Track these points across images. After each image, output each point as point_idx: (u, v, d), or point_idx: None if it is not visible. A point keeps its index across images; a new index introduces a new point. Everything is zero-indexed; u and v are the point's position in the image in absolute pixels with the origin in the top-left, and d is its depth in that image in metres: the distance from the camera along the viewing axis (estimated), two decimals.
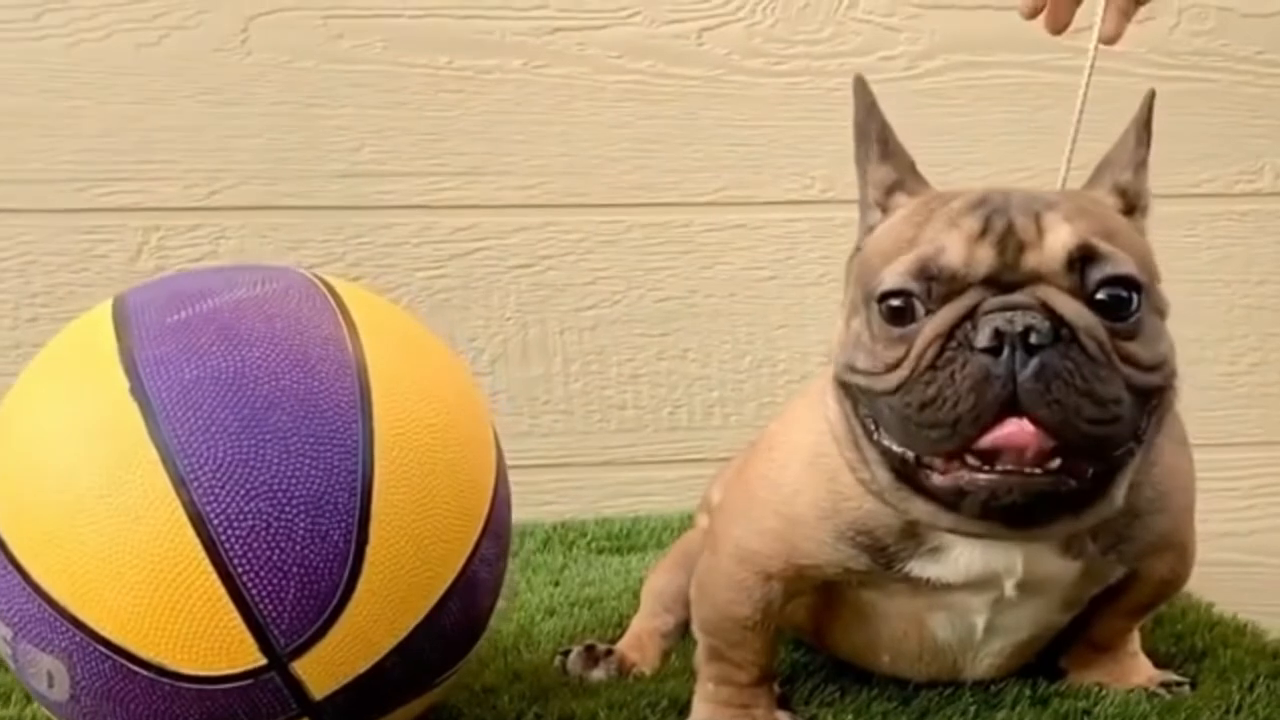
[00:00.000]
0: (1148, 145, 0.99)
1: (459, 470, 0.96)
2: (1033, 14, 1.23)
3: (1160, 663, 1.13)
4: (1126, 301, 0.89)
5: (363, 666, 0.93)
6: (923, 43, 1.69)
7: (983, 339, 0.86)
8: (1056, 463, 0.87)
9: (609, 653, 1.17)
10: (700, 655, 1.08)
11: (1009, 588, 0.99)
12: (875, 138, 1.00)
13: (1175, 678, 1.10)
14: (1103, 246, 0.89)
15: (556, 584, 1.44)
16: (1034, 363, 0.85)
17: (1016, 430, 0.86)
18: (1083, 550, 0.99)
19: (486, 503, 0.99)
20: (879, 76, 1.67)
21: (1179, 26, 1.69)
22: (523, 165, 1.66)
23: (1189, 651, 1.15)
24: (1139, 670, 1.11)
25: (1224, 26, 1.70)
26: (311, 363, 0.93)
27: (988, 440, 0.87)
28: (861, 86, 1.00)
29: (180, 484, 0.88)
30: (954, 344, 0.87)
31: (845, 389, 0.95)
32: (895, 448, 0.92)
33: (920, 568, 0.99)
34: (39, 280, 1.62)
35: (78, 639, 0.90)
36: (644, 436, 1.69)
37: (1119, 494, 0.93)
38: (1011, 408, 0.86)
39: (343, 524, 0.90)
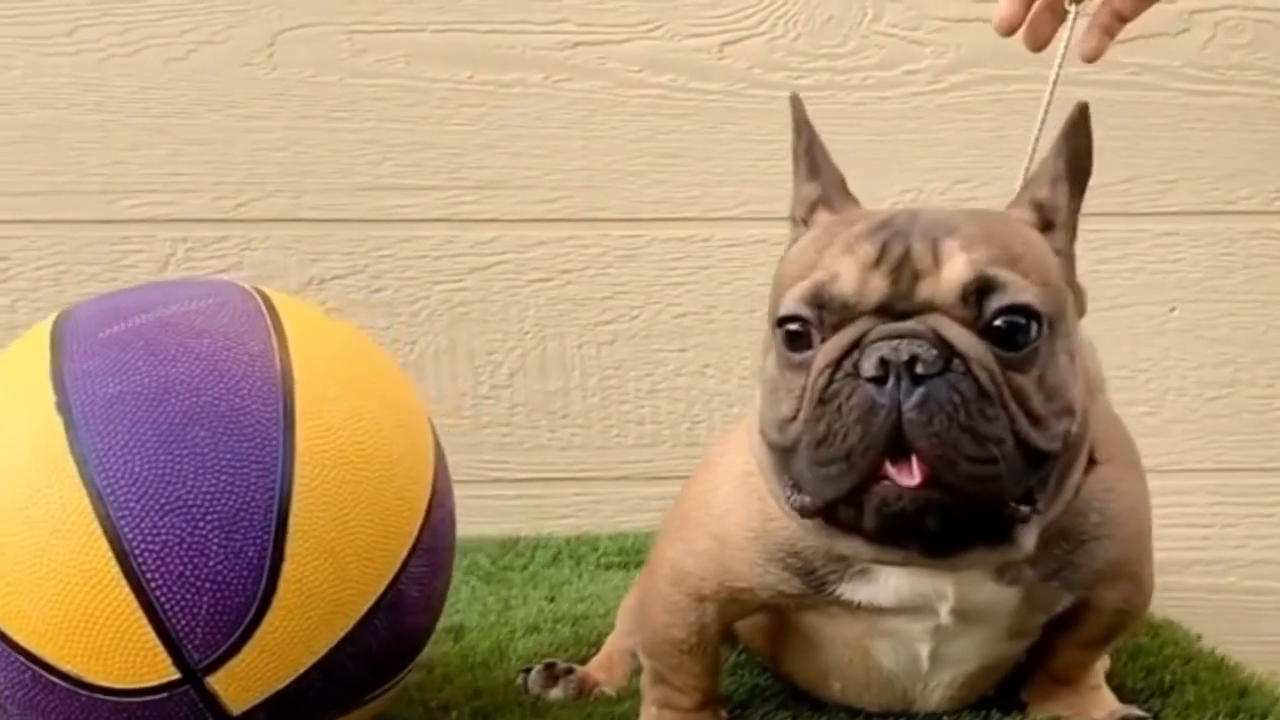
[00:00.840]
0: (1066, 157, 0.95)
1: (386, 488, 0.97)
2: (1009, 30, 1.20)
3: (1127, 697, 1.10)
4: (1024, 329, 0.86)
5: (281, 683, 0.93)
6: (949, 56, 1.66)
7: (868, 367, 0.84)
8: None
9: (569, 671, 1.17)
10: (645, 679, 1.07)
11: (944, 614, 0.97)
12: (804, 154, 0.98)
13: (1138, 713, 1.07)
14: (1000, 275, 0.86)
15: (552, 599, 1.44)
16: (919, 392, 0.83)
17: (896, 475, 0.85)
18: (1019, 577, 0.96)
19: (418, 521, 0.99)
20: (903, 91, 1.67)
21: (1214, 39, 1.64)
22: (543, 179, 1.66)
23: (1157, 686, 1.11)
24: (1101, 704, 1.08)
25: (1262, 39, 1.65)
26: (235, 379, 0.94)
27: None
28: (796, 103, 0.98)
29: (98, 498, 0.90)
30: (842, 374, 0.86)
31: (764, 436, 0.93)
32: (808, 503, 0.90)
33: (851, 591, 0.97)
34: (71, 289, 1.65)
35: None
36: (662, 452, 1.69)
37: (1027, 541, 0.90)
38: (895, 439, 0.84)
39: (258, 541, 0.91)
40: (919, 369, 0.83)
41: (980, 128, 1.66)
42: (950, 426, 0.83)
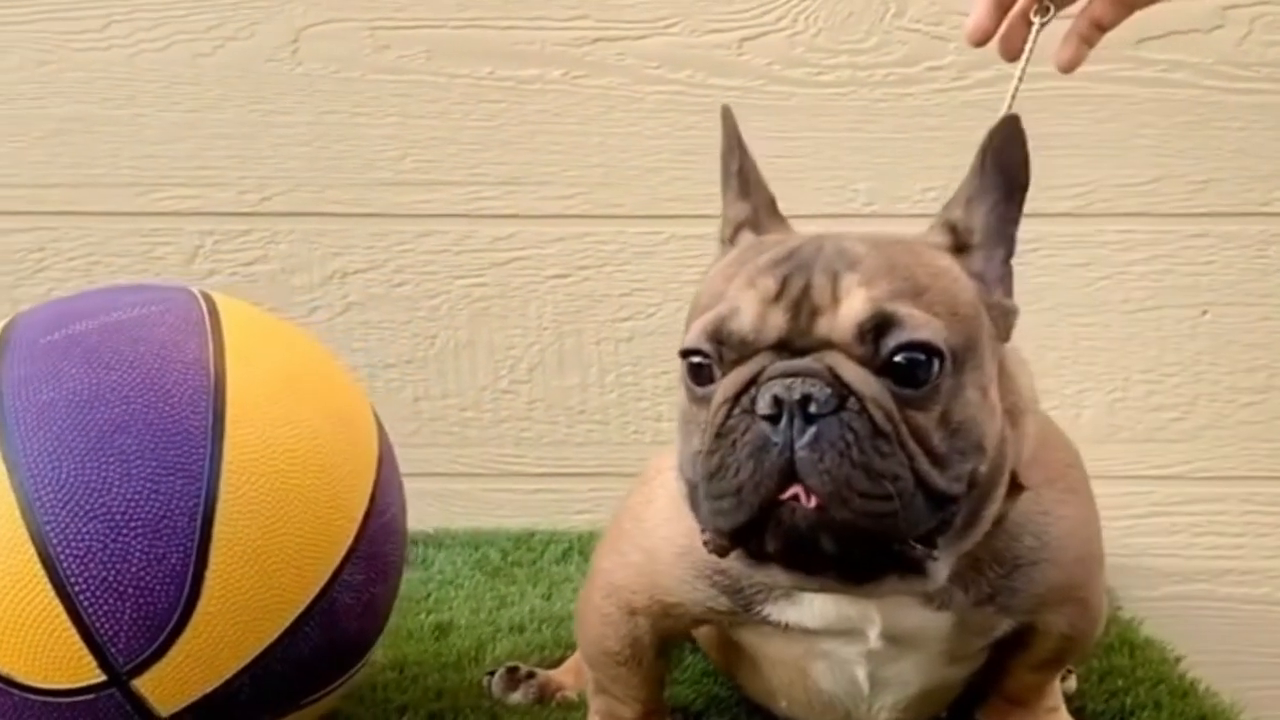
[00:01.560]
0: (984, 174, 0.91)
1: (318, 496, 0.98)
2: (980, 40, 1.17)
3: (1086, 719, 1.08)
4: (924, 366, 0.84)
5: (209, 686, 0.95)
6: (973, 52, 1.60)
7: (763, 405, 0.83)
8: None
9: (530, 676, 1.17)
10: (589, 688, 1.07)
11: (873, 638, 0.96)
12: (735, 173, 0.96)
13: None
14: (899, 312, 0.84)
15: (548, 597, 1.44)
16: (810, 431, 0.82)
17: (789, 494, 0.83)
18: (949, 602, 0.94)
19: (353, 528, 1.00)
20: (927, 87, 1.65)
21: (1250, 35, 1.59)
22: (561, 175, 1.66)
23: (1119, 710, 1.09)
24: None
25: None
26: (167, 387, 0.95)
27: None
28: (728, 117, 0.97)
29: (26, 503, 0.92)
30: (739, 410, 0.84)
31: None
32: (714, 540, 0.88)
33: (778, 612, 0.96)
34: (103, 280, 1.68)
35: None
36: None
37: (938, 575, 0.87)
38: (788, 476, 0.82)
39: (181, 548, 0.92)
40: (812, 408, 0.82)
41: None
42: (842, 464, 0.81)
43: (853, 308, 0.84)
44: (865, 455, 0.82)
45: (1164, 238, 1.62)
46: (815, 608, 0.95)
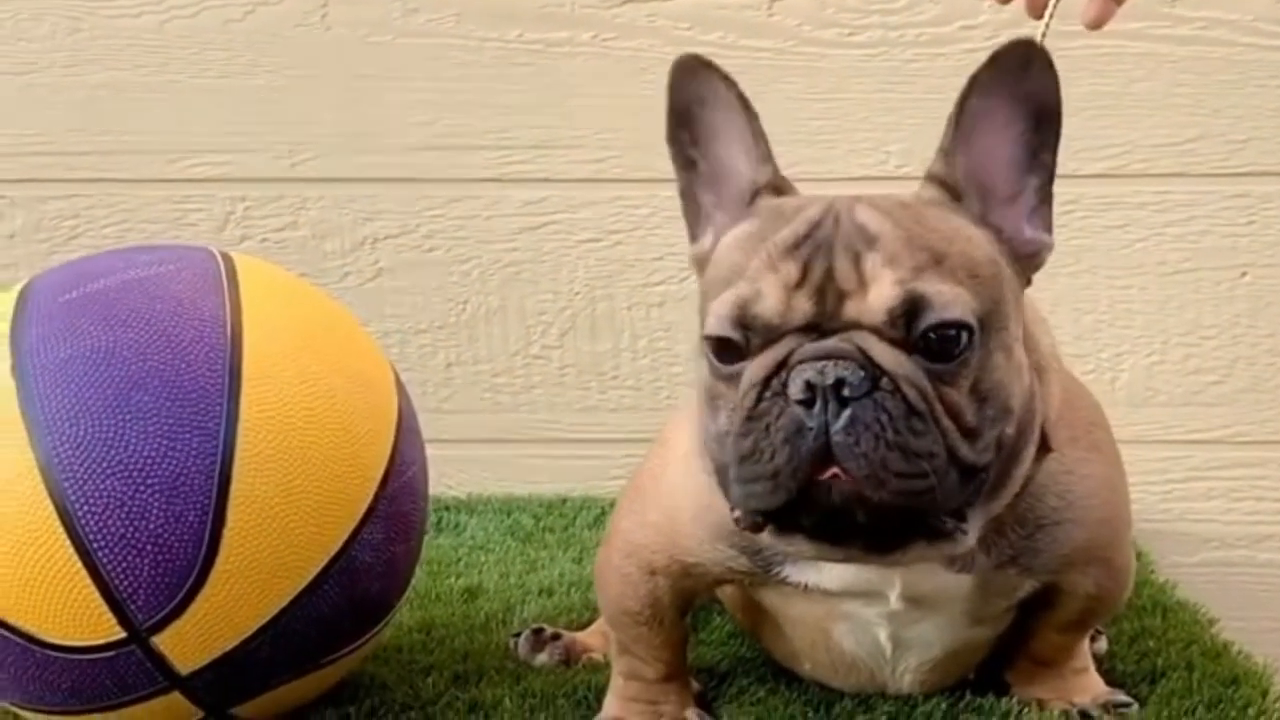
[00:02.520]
0: (951, 127, 0.90)
1: (337, 454, 0.97)
2: None
3: (1117, 680, 1.06)
4: (953, 341, 0.84)
5: (229, 644, 0.95)
6: (1009, 10, 1.59)
7: (795, 390, 0.82)
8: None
9: (556, 637, 1.17)
10: (612, 649, 1.07)
11: (893, 600, 0.95)
12: (761, 134, 0.94)
13: (1123, 698, 1.03)
14: (929, 292, 0.83)
15: (579, 561, 1.44)
16: (845, 415, 0.81)
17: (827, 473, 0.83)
18: (971, 564, 0.93)
19: (372, 487, 1.00)
20: (960, 47, 1.63)
21: None
22: (592, 139, 1.65)
23: (1149, 671, 1.07)
24: (1085, 688, 1.04)
25: None
26: (184, 344, 0.95)
27: None
28: (712, 69, 0.93)
29: (44, 459, 0.92)
30: (769, 394, 0.84)
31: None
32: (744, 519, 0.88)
33: (798, 573, 0.95)
34: None
35: None
36: None
37: (969, 536, 0.87)
38: (824, 459, 0.82)
39: (198, 505, 0.92)
40: (845, 391, 0.81)
41: None
42: (878, 446, 0.81)
43: (882, 293, 0.83)
44: (900, 435, 0.82)
45: (1202, 198, 1.60)
46: (835, 569, 0.94)
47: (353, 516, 0.98)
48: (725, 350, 0.86)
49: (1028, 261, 0.91)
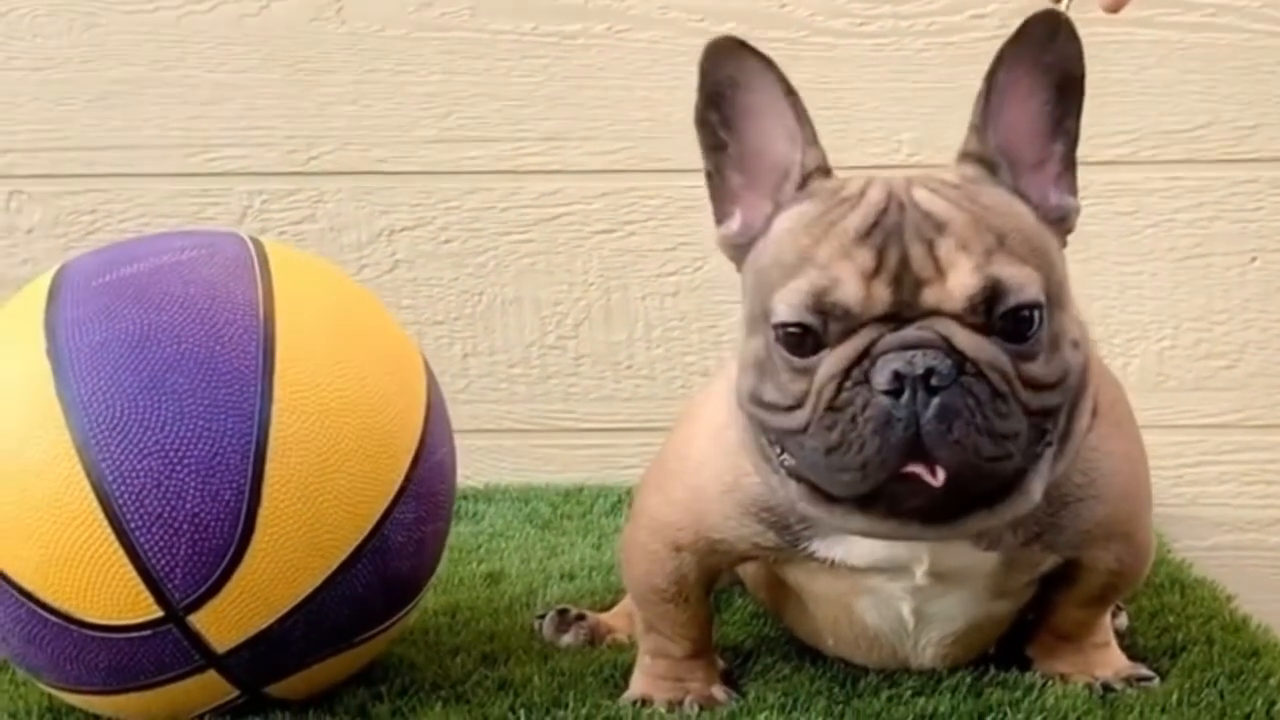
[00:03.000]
0: (981, 102, 0.92)
1: (369, 435, 0.99)
2: None
3: (1138, 655, 1.08)
4: (1028, 322, 0.86)
5: (264, 623, 0.96)
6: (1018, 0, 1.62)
7: (882, 380, 0.84)
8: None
9: (581, 618, 1.18)
10: (638, 628, 1.08)
11: (919, 575, 0.96)
12: (808, 118, 0.95)
13: (1145, 672, 1.04)
14: (1004, 276, 0.85)
15: (598, 546, 1.45)
16: (935, 403, 0.83)
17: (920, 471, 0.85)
18: (998, 542, 0.95)
19: (403, 468, 1.01)
20: (970, 36, 1.64)
21: None
22: (606, 130, 1.66)
23: (1170, 646, 1.08)
24: (1106, 662, 1.05)
25: None
26: (218, 327, 0.96)
27: None
28: (754, 53, 0.94)
29: (81, 441, 0.93)
30: (852, 382, 0.85)
31: (749, 415, 0.93)
32: (800, 468, 0.90)
33: (825, 548, 0.97)
34: None
35: None
36: None
37: (1036, 489, 0.89)
38: (914, 449, 0.84)
39: (234, 485, 0.94)
40: (934, 380, 0.83)
41: None
42: (969, 432, 0.83)
43: (961, 280, 0.85)
44: (988, 420, 0.84)
45: (1212, 184, 1.61)
46: (864, 545, 0.95)
47: (385, 496, 0.99)
48: (799, 340, 0.87)
49: (1057, 227, 0.93)
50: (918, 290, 0.86)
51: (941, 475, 0.84)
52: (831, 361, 0.86)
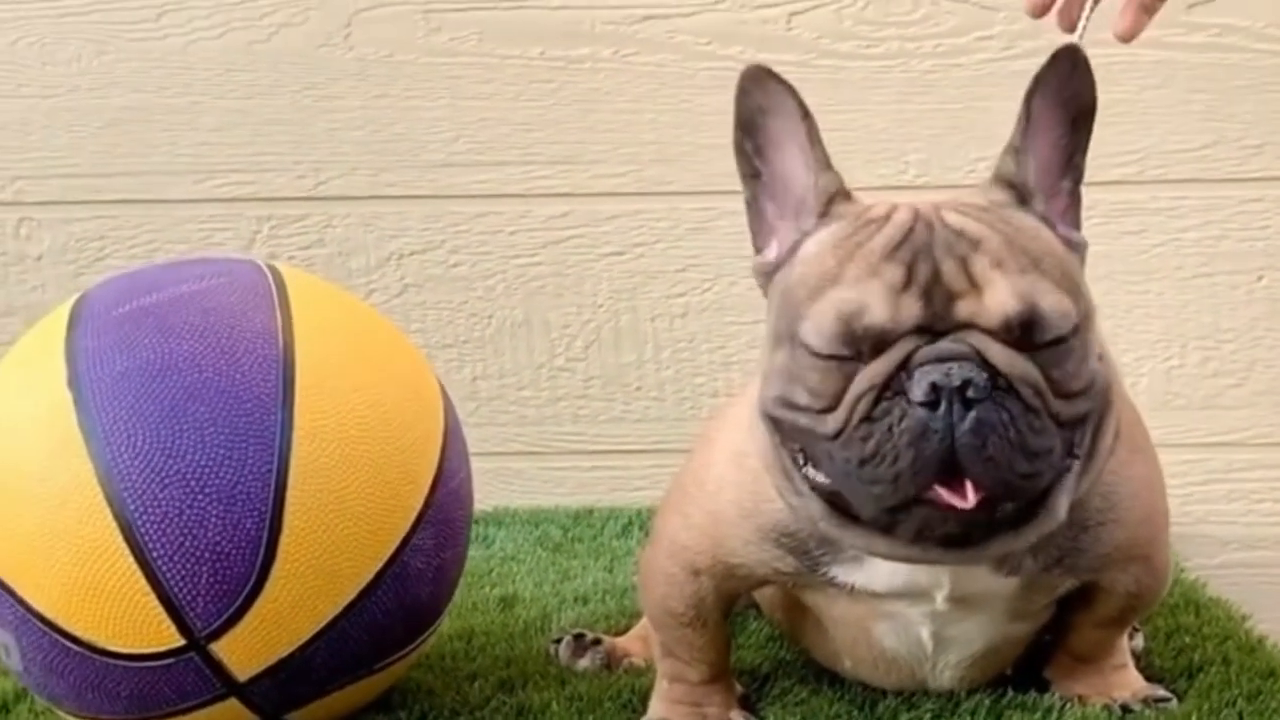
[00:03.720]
0: (1022, 128, 0.93)
1: (388, 462, 0.99)
2: (1040, 12, 1.17)
3: (1155, 676, 1.08)
4: (1061, 341, 0.87)
5: (285, 650, 0.97)
6: (1022, 21, 1.60)
7: (919, 392, 0.84)
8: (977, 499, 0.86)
9: (597, 643, 1.18)
10: (656, 651, 1.08)
11: (939, 600, 0.97)
12: (819, 141, 0.96)
13: (1162, 693, 1.04)
14: (1044, 305, 0.86)
15: (610, 570, 1.46)
16: (971, 417, 0.84)
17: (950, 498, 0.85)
18: (1019, 567, 0.95)
19: (422, 495, 1.01)
20: (976, 58, 1.65)
21: None
22: (614, 153, 1.67)
23: (1187, 666, 1.09)
24: (1125, 684, 1.06)
25: None
26: (238, 355, 0.97)
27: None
28: (776, 80, 0.95)
29: (103, 470, 0.94)
30: (889, 394, 0.85)
31: (774, 421, 0.93)
32: (825, 481, 0.90)
33: (845, 574, 0.97)
34: None
35: (20, 614, 0.96)
36: None
37: (1061, 507, 0.89)
38: (948, 462, 0.84)
39: (256, 513, 0.94)
40: (970, 393, 0.83)
41: None
42: (1003, 447, 0.84)
43: (1000, 299, 0.86)
44: (1022, 435, 0.84)
45: (1218, 203, 1.62)
46: (883, 570, 0.95)
47: (404, 523, 1.00)
48: (830, 356, 0.87)
49: (1078, 256, 0.93)
50: (950, 304, 0.86)
51: (973, 496, 0.84)
52: (867, 375, 0.86)
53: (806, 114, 0.94)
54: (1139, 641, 1.14)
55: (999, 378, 0.85)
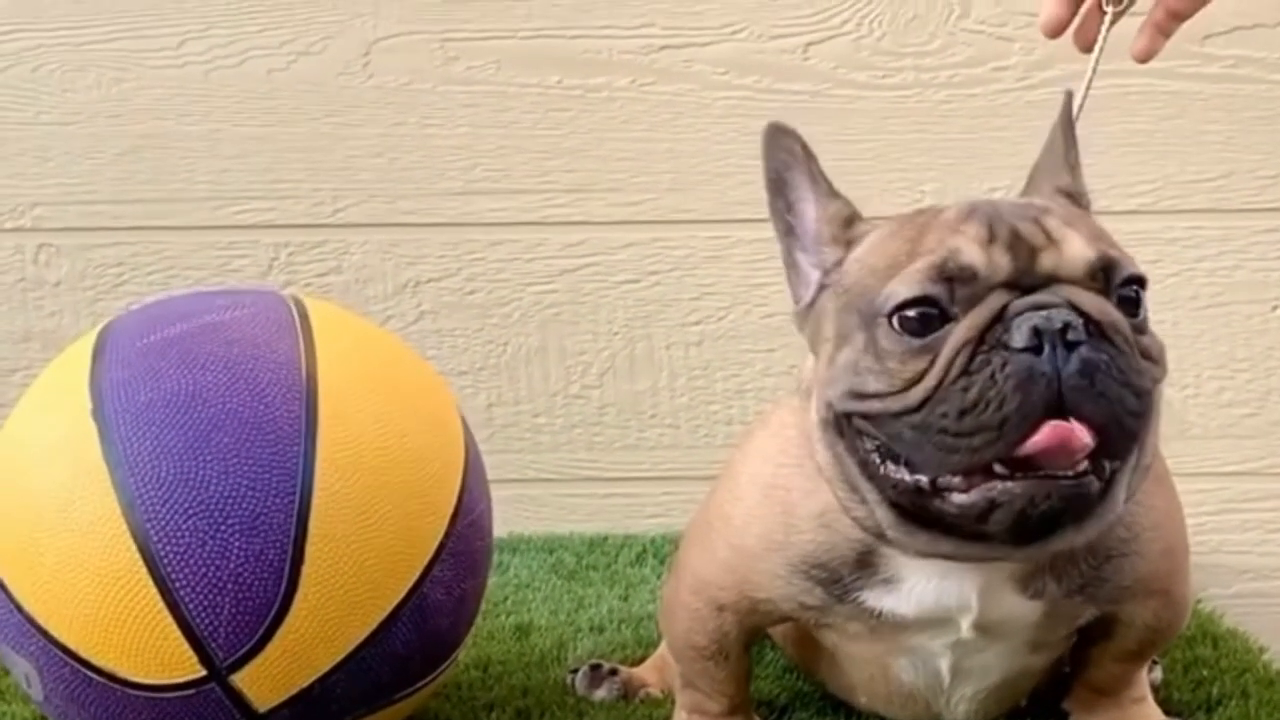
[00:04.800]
0: (1075, 145, 0.97)
1: (409, 493, 1.00)
2: (1056, 32, 1.18)
3: (1174, 709, 1.08)
4: (1136, 300, 0.89)
5: (305, 681, 0.97)
6: (1038, 52, 1.63)
7: (1020, 338, 0.84)
8: (1085, 464, 0.86)
9: (614, 672, 1.18)
10: (676, 683, 1.08)
11: (965, 627, 0.97)
12: (821, 175, 0.97)
13: None
14: (1113, 252, 0.88)
15: (625, 598, 1.46)
16: (1075, 358, 0.84)
17: (1069, 430, 0.84)
18: (1043, 590, 0.95)
19: (443, 525, 1.02)
20: (992, 88, 1.66)
21: None
22: (630, 182, 1.68)
23: (1205, 699, 1.09)
24: (1144, 717, 1.06)
25: None
26: (261, 386, 0.97)
27: (1038, 444, 0.84)
28: (785, 131, 0.97)
29: (127, 501, 0.94)
30: (986, 347, 0.85)
31: (841, 424, 0.92)
32: (908, 477, 0.89)
33: (875, 599, 0.96)
34: None
35: (42, 644, 0.97)
36: None
37: (1121, 495, 0.90)
38: (1055, 405, 0.84)
39: (278, 544, 0.94)
40: (1070, 336, 0.84)
41: None
42: (1111, 385, 0.84)
43: (1078, 247, 0.88)
44: (1124, 373, 0.85)
45: (1233, 233, 1.63)
46: (914, 595, 0.95)
47: (425, 554, 1.00)
48: (921, 320, 0.87)
49: None
50: (1033, 258, 0.87)
51: (1087, 435, 0.84)
52: (965, 328, 0.86)
53: (808, 154, 0.96)
54: (1157, 674, 1.14)
55: (1092, 324, 0.85)
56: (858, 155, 1.65)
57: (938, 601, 0.96)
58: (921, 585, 0.96)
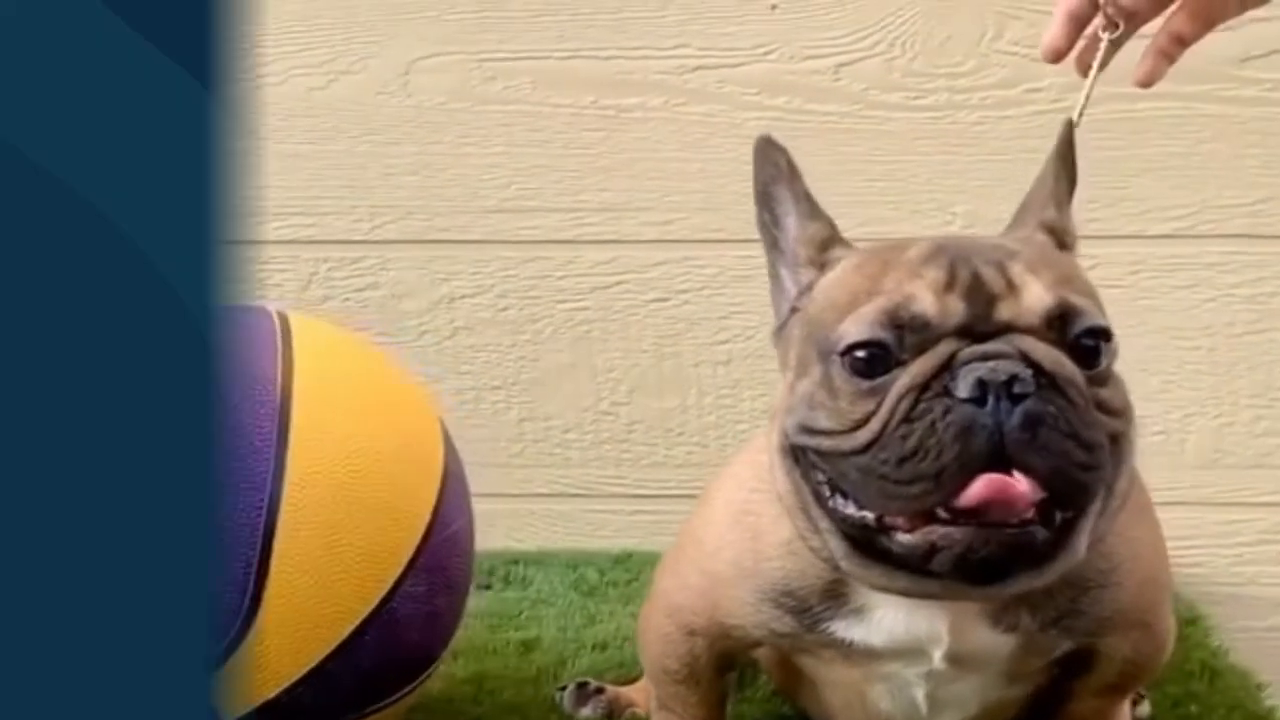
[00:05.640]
0: (1068, 179, 0.95)
1: (379, 509, 1.01)
2: (1056, 58, 1.17)
3: None
4: (1095, 352, 0.87)
5: (271, 693, 0.99)
6: (1072, 74, 1.60)
7: (965, 389, 0.82)
8: (1030, 512, 0.84)
9: (600, 691, 1.19)
10: (652, 704, 1.09)
11: (937, 658, 0.95)
12: (804, 195, 0.97)
13: None
14: (1075, 300, 0.86)
15: (637, 615, 1.46)
16: (1019, 411, 0.82)
17: (1008, 484, 0.82)
18: (1017, 624, 0.94)
19: (414, 541, 1.03)
20: (1025, 110, 1.64)
21: None
22: (662, 201, 1.68)
23: None
24: None
25: None
26: (233, 401, 0.99)
27: (975, 496, 0.83)
28: (774, 146, 0.97)
29: None
30: (930, 395, 0.84)
31: (796, 453, 0.91)
32: (855, 512, 0.88)
33: (844, 629, 0.95)
34: None
35: None
36: None
37: (1081, 543, 0.87)
38: (996, 458, 0.82)
39: (243, 558, 0.96)
40: (1016, 388, 0.82)
41: (1107, 146, 1.60)
42: (1055, 437, 0.82)
43: (1037, 296, 0.86)
44: (1073, 426, 0.83)
45: (1270, 259, 1.59)
46: (884, 626, 0.94)
47: (394, 569, 1.02)
48: (870, 361, 0.86)
49: None
50: (991, 305, 0.86)
51: (1027, 487, 0.82)
52: (910, 375, 0.85)
53: (793, 170, 0.95)
54: (1144, 709, 1.13)
55: (1043, 376, 0.84)
56: (889, 177, 1.64)
57: (907, 632, 0.95)
58: (890, 616, 0.95)
